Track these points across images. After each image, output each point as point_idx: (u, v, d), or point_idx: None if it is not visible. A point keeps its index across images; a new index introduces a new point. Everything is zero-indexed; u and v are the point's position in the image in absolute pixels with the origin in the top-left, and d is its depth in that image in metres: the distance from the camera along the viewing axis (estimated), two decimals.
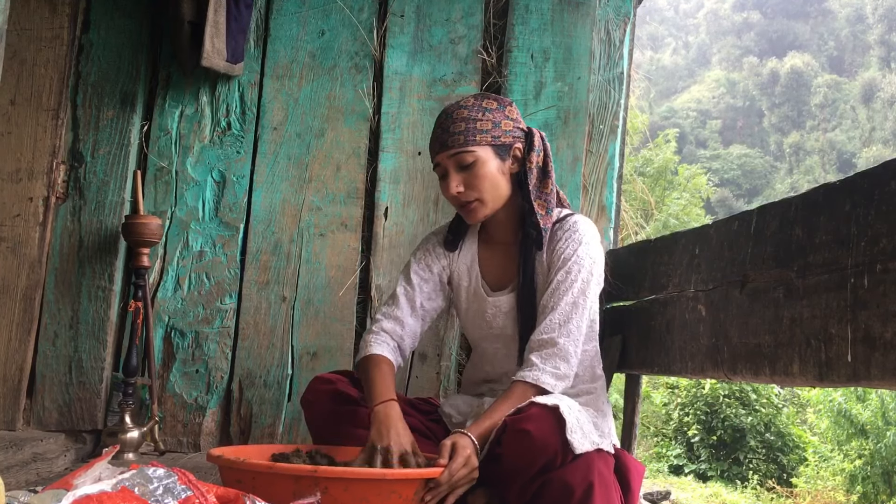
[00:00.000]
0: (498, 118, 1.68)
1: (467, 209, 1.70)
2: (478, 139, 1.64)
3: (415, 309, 1.79)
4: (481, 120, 1.66)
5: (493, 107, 1.69)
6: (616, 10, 2.53)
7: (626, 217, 3.67)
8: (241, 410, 2.45)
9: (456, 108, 1.69)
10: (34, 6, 2.55)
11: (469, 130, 1.64)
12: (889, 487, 9.10)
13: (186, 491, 1.10)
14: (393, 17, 2.57)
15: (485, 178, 1.65)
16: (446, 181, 1.68)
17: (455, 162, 1.65)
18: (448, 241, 1.84)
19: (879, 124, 45.31)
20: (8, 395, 2.42)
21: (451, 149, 1.65)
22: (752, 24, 57.70)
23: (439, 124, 1.69)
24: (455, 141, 1.64)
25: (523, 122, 1.75)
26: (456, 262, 1.84)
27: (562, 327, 1.60)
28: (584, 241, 1.68)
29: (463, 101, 1.71)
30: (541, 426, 1.38)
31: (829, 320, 1.18)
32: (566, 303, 1.62)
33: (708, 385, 11.08)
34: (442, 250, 1.84)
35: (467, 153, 1.64)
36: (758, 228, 1.45)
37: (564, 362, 1.58)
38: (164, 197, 2.53)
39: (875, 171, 1.13)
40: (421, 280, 1.81)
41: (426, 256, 1.84)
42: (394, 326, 1.76)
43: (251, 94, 2.57)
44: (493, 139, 1.66)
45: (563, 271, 1.65)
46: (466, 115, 1.66)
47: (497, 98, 1.73)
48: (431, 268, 1.83)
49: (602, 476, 1.39)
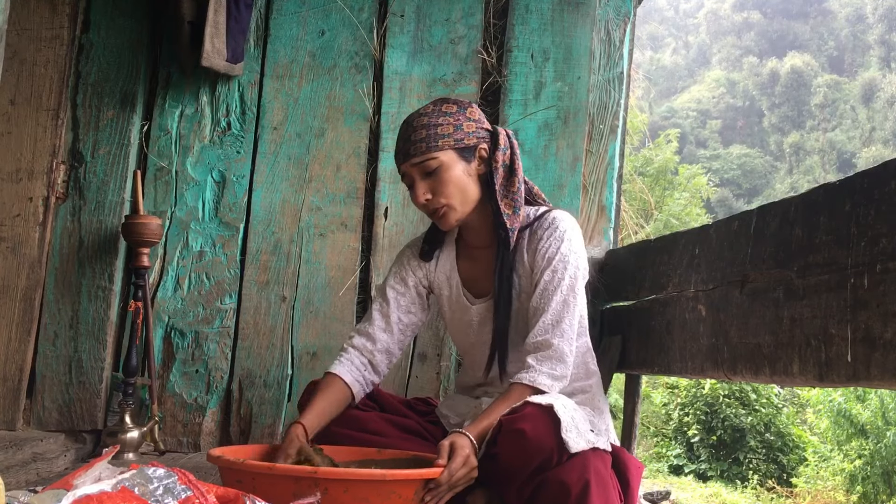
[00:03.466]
0: (459, 121, 1.66)
1: (438, 216, 1.68)
2: (440, 144, 1.63)
3: (389, 324, 1.77)
4: (442, 125, 1.64)
5: (453, 110, 1.67)
6: (616, 10, 2.53)
7: (626, 217, 3.67)
8: (241, 410, 2.45)
9: (416, 117, 1.67)
10: (34, 6, 2.55)
11: (430, 137, 1.63)
12: (889, 487, 9.10)
13: (186, 491, 1.10)
14: (393, 17, 2.57)
15: (450, 183, 1.64)
16: (413, 190, 1.66)
17: (419, 170, 1.64)
18: (424, 252, 1.83)
19: (879, 124, 45.30)
20: (8, 395, 2.42)
21: (414, 157, 1.63)
22: (752, 24, 57.70)
23: (401, 135, 1.68)
24: (417, 149, 1.63)
25: (487, 122, 1.73)
26: (434, 272, 1.83)
27: (555, 328, 1.60)
28: (566, 238, 1.66)
29: (423, 108, 1.70)
30: (535, 425, 1.38)
31: (829, 320, 1.18)
32: (556, 302, 1.62)
33: (708, 385, 11.08)
34: (417, 262, 1.83)
35: (430, 159, 1.62)
36: (758, 228, 1.45)
37: (561, 363, 1.58)
38: (164, 197, 2.53)
39: (875, 171, 1.13)
40: (397, 294, 1.80)
41: (401, 270, 1.83)
42: (364, 342, 1.75)
43: (251, 94, 2.57)
44: (455, 142, 1.64)
45: (549, 271, 1.64)
46: (426, 121, 1.64)
47: (457, 101, 1.71)
48: (406, 281, 1.81)
49: (599, 474, 1.39)
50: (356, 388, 1.71)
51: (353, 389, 1.70)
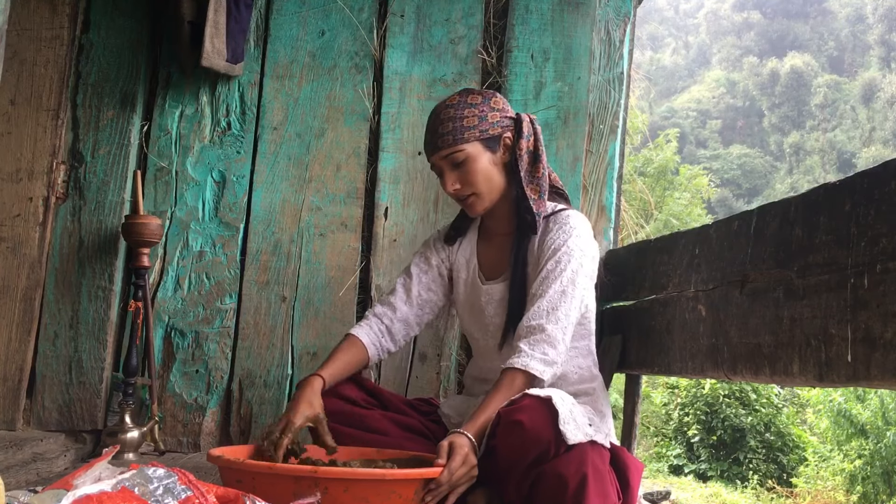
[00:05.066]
0: (484, 111, 1.72)
1: (466, 203, 1.76)
2: (466, 136, 1.70)
3: (410, 297, 1.86)
4: (467, 117, 1.70)
5: (478, 101, 1.73)
6: (616, 10, 2.53)
7: (626, 217, 3.67)
8: (241, 410, 2.45)
9: (443, 108, 1.74)
10: (34, 6, 2.55)
11: (457, 129, 1.69)
12: (889, 487, 9.10)
13: (186, 491, 1.10)
14: (393, 17, 2.57)
15: (478, 173, 1.71)
16: (443, 179, 1.75)
17: (448, 161, 1.72)
18: (448, 236, 1.93)
19: (879, 124, 45.28)
20: (8, 395, 2.42)
21: (442, 150, 1.71)
22: (752, 24, 57.68)
23: (429, 126, 1.75)
24: (444, 141, 1.70)
25: (511, 110, 1.79)
26: (455, 255, 1.91)
27: (550, 314, 1.61)
28: (575, 234, 1.70)
29: (448, 99, 1.76)
30: (533, 417, 1.38)
31: (829, 320, 1.18)
32: (555, 290, 1.63)
33: (708, 385, 11.08)
34: (441, 244, 1.93)
35: (458, 152, 1.70)
36: (758, 228, 1.45)
37: (552, 348, 1.58)
38: (164, 197, 2.53)
39: (875, 171, 1.13)
40: (420, 271, 1.89)
41: (426, 250, 1.93)
42: (384, 310, 1.85)
43: (251, 94, 2.57)
44: (480, 133, 1.71)
45: (553, 261, 1.67)
46: (453, 113, 1.71)
47: (481, 92, 1.78)
48: (430, 260, 1.90)
49: (596, 468, 1.39)
50: (372, 350, 1.79)
51: (369, 352, 1.78)
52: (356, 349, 1.77)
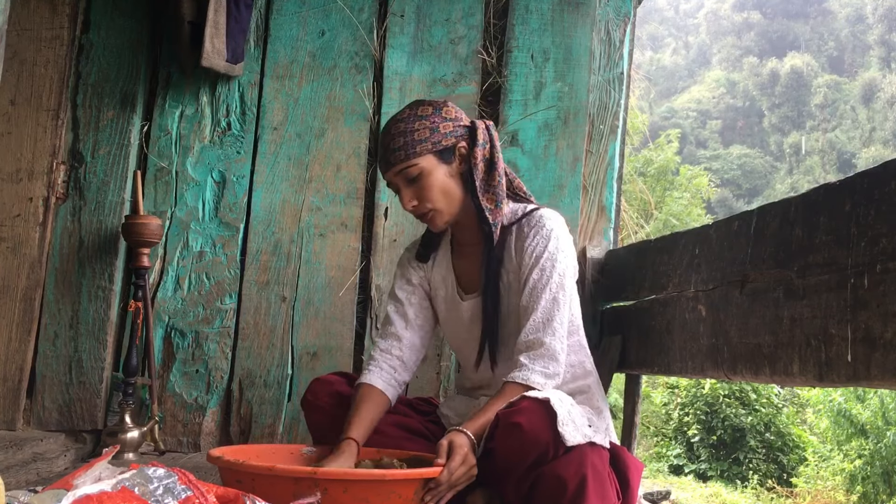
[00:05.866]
0: (435, 122, 1.65)
1: (427, 219, 1.71)
2: (418, 150, 1.63)
3: (409, 321, 1.80)
4: (418, 129, 1.64)
5: (429, 112, 1.67)
6: (616, 10, 2.53)
7: (626, 217, 3.67)
8: (241, 410, 2.45)
9: (393, 123, 1.67)
10: (34, 6, 2.55)
11: (408, 144, 1.63)
12: (889, 487, 9.09)
13: (186, 491, 1.10)
14: (393, 17, 2.57)
15: (434, 188, 1.65)
16: (400, 196, 1.68)
17: (402, 178, 1.65)
18: (419, 255, 1.85)
19: (879, 124, 45.28)
20: (8, 395, 2.42)
21: (395, 166, 1.64)
22: (752, 24, 57.68)
23: (381, 142, 1.69)
24: (396, 157, 1.63)
25: (465, 118, 1.72)
26: (431, 272, 1.84)
27: (546, 326, 1.60)
28: (554, 236, 1.66)
29: (399, 113, 1.70)
30: (531, 419, 1.38)
31: (829, 320, 1.18)
32: (546, 300, 1.62)
33: (708, 385, 11.08)
34: (416, 263, 1.86)
35: (411, 167, 1.63)
36: (758, 228, 1.45)
37: (553, 361, 1.58)
38: (164, 197, 2.53)
39: (875, 171, 1.13)
40: (407, 294, 1.82)
41: (405, 273, 1.85)
42: (389, 344, 1.77)
43: (251, 94, 2.57)
44: (433, 146, 1.64)
45: (538, 269, 1.64)
46: (403, 127, 1.65)
47: (432, 102, 1.70)
48: (411, 280, 1.84)
49: (596, 469, 1.39)
50: (391, 392, 1.72)
51: (388, 394, 1.71)
52: (376, 398, 1.69)
